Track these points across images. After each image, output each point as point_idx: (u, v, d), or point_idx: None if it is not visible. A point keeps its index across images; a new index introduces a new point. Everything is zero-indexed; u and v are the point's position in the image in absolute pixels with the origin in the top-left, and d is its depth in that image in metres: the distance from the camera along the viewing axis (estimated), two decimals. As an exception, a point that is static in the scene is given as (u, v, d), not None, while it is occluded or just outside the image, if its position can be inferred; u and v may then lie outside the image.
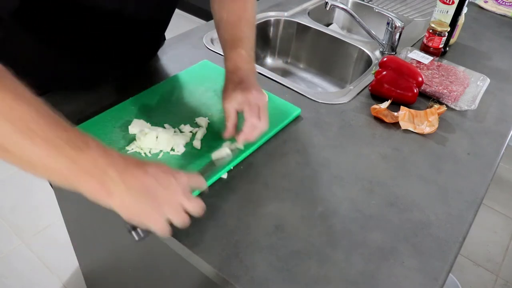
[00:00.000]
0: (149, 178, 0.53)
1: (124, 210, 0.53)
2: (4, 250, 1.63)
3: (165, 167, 0.57)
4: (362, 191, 0.76)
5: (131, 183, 0.52)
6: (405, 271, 0.64)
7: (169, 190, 0.55)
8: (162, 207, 0.54)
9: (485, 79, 1.07)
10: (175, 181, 0.55)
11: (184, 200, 0.56)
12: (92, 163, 0.51)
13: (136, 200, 0.53)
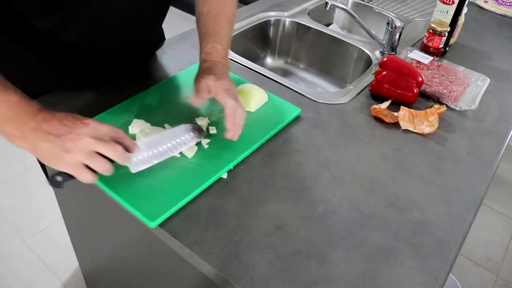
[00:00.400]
0: (55, 121, 0.60)
1: (36, 152, 0.61)
2: (4, 250, 1.63)
3: (77, 115, 0.63)
4: (362, 191, 0.76)
5: (41, 126, 0.60)
6: (405, 271, 0.64)
7: (74, 132, 0.60)
8: (70, 150, 0.59)
9: (485, 79, 1.07)
10: (80, 124, 0.60)
11: (93, 144, 0.60)
12: (14, 113, 0.60)
13: (44, 142, 0.59)
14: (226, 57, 0.83)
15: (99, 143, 0.60)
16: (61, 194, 1.03)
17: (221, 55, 0.81)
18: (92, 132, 0.60)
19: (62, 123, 0.60)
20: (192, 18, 0.92)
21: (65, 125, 0.60)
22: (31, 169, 1.96)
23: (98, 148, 0.60)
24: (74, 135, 0.59)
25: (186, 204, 0.70)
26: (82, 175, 0.61)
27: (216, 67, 0.79)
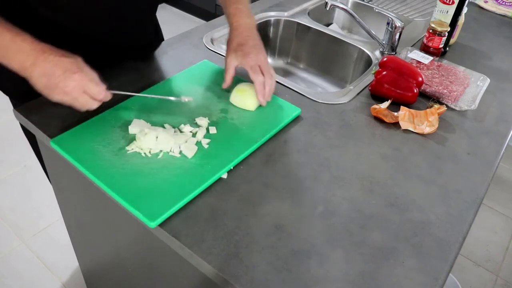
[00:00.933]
0: (49, 66, 0.71)
1: (37, 85, 0.72)
2: (4, 250, 1.63)
3: (69, 61, 0.72)
4: (362, 191, 0.76)
5: (36, 68, 0.71)
6: (405, 271, 0.64)
7: (60, 81, 0.71)
8: (54, 90, 0.72)
9: (485, 79, 1.07)
10: (68, 75, 0.71)
11: (70, 93, 0.72)
12: (15, 50, 0.71)
13: (42, 78, 0.71)
14: (250, 15, 0.93)
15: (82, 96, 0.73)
16: (61, 194, 1.03)
17: (245, 14, 0.92)
18: (75, 87, 0.72)
19: (52, 71, 0.70)
20: (192, 18, 0.93)
21: (54, 73, 0.71)
22: (31, 169, 1.96)
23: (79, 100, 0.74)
24: (59, 88, 0.71)
25: (186, 204, 0.70)
26: (76, 105, 0.74)
27: (243, 34, 0.89)
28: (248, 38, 0.89)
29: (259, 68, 0.86)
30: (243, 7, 0.92)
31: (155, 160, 0.76)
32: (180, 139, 0.79)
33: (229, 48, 0.90)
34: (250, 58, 0.86)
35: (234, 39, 0.89)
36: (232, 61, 0.88)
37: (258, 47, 0.89)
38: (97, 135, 0.79)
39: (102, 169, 0.73)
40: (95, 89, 0.73)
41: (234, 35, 0.90)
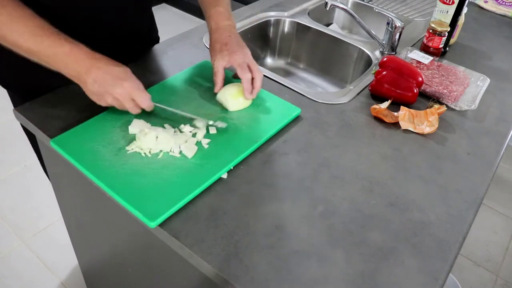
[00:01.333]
0: (101, 73, 0.76)
1: (88, 91, 0.78)
2: (4, 250, 1.63)
3: (119, 70, 0.77)
4: (362, 191, 0.76)
5: (90, 75, 0.75)
6: (405, 271, 0.64)
7: (110, 87, 0.76)
8: (103, 96, 0.77)
9: (485, 79, 1.07)
10: (118, 83, 0.76)
11: (119, 100, 0.77)
12: (73, 59, 0.75)
13: (91, 88, 0.76)
14: (230, 17, 0.93)
15: (129, 102, 0.78)
16: (61, 194, 1.03)
17: (224, 16, 0.91)
18: (124, 94, 0.77)
19: (104, 78, 0.75)
20: (192, 18, 0.94)
21: (106, 80, 0.75)
22: (31, 169, 1.96)
23: (135, 96, 0.78)
24: (108, 94, 0.76)
25: (186, 204, 0.70)
26: (121, 106, 0.79)
27: (224, 35, 0.89)
28: (230, 38, 0.89)
29: (247, 65, 0.87)
30: (222, 9, 0.92)
31: (155, 160, 0.76)
32: (180, 139, 0.79)
33: (213, 51, 0.89)
34: (237, 56, 0.87)
35: (217, 41, 0.89)
36: (220, 63, 0.87)
37: (242, 44, 0.89)
38: (97, 135, 0.79)
39: (102, 169, 0.73)
40: (141, 96, 0.78)
41: (215, 37, 0.90)
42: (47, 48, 0.74)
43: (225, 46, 0.88)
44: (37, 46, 0.74)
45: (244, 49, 0.89)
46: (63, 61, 0.75)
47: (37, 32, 0.74)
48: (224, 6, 0.93)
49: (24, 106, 0.87)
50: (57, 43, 0.74)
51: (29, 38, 0.73)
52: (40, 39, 0.74)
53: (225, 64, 0.88)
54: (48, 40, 0.74)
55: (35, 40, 0.73)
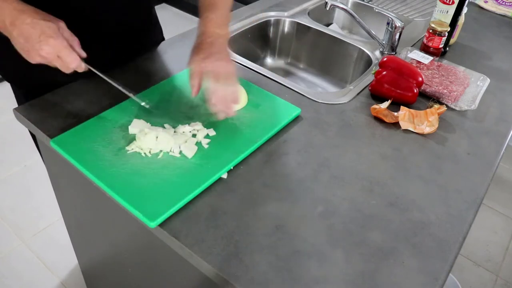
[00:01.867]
0: (26, 28, 0.71)
1: (16, 45, 0.73)
2: (4, 250, 1.63)
3: (47, 25, 0.72)
4: (362, 191, 0.76)
5: (15, 28, 0.71)
6: (405, 271, 0.64)
7: (36, 44, 0.71)
8: (30, 52, 0.72)
9: (485, 79, 1.07)
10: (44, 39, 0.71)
11: (46, 58, 0.73)
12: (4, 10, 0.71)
13: (20, 39, 0.72)
14: (222, 26, 0.86)
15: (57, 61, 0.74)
16: (61, 194, 1.03)
17: (214, 24, 0.85)
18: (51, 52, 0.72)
19: (29, 34, 0.71)
20: (192, 18, 0.93)
21: (31, 36, 0.71)
22: (31, 169, 1.96)
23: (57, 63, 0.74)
24: (35, 50, 0.72)
25: (186, 204, 0.70)
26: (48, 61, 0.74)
27: (207, 41, 0.82)
28: (210, 45, 0.82)
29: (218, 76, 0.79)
30: (214, 17, 0.86)
31: (155, 160, 0.76)
32: (180, 139, 0.79)
33: (191, 55, 0.84)
34: (207, 63, 0.80)
35: (196, 45, 0.84)
36: (194, 68, 0.81)
37: (218, 54, 0.81)
38: (97, 135, 0.79)
39: (102, 169, 0.73)
40: (68, 56, 0.73)
41: (196, 42, 0.85)
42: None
43: (203, 50, 0.81)
44: None
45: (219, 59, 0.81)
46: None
47: None
48: (216, 13, 0.87)
49: (24, 106, 0.87)
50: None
51: None
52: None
53: (199, 69, 0.81)
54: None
55: None
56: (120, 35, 0.99)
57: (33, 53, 0.72)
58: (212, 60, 0.80)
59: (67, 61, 0.74)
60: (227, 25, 0.88)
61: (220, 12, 0.87)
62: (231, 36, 1.21)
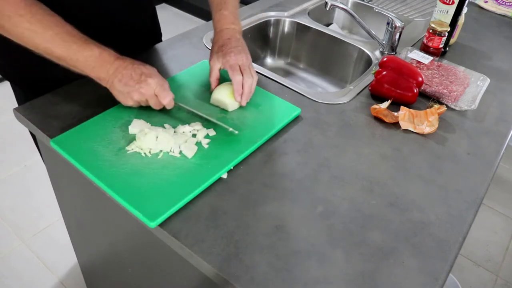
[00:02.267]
0: (126, 72, 0.79)
1: (115, 93, 0.81)
2: (4, 250, 1.63)
3: (146, 68, 0.81)
4: (362, 191, 0.76)
5: (117, 75, 0.79)
6: (405, 271, 0.64)
7: (136, 87, 0.79)
8: (129, 94, 0.80)
9: (485, 79, 1.07)
10: (143, 79, 0.79)
11: (145, 95, 0.80)
12: (101, 62, 0.79)
13: (117, 85, 0.79)
14: (235, 21, 0.95)
15: (152, 98, 0.81)
16: (61, 194, 1.03)
17: (229, 20, 0.93)
18: (149, 90, 0.80)
19: (130, 76, 0.79)
20: (192, 18, 0.95)
21: (132, 78, 0.79)
22: (31, 169, 1.96)
23: (151, 102, 0.82)
24: (134, 91, 0.79)
25: (186, 204, 0.70)
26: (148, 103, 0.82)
27: (224, 37, 0.91)
28: (230, 41, 0.90)
29: (238, 67, 0.87)
30: (228, 13, 0.94)
31: (155, 160, 0.76)
32: (180, 139, 0.79)
33: (211, 51, 0.93)
34: (229, 57, 0.88)
35: (216, 43, 0.92)
36: (215, 63, 0.90)
37: (239, 48, 0.90)
38: (97, 135, 0.79)
39: (102, 169, 0.73)
40: (163, 93, 0.81)
41: (216, 39, 0.93)
42: (76, 53, 0.77)
43: (221, 47, 0.90)
44: (67, 51, 0.76)
45: (240, 52, 0.89)
46: (91, 64, 0.78)
47: (66, 38, 0.76)
48: (229, 9, 0.95)
49: (24, 106, 0.87)
50: (86, 47, 0.77)
51: (59, 44, 0.76)
52: (69, 45, 0.76)
53: (219, 65, 0.90)
54: (76, 45, 0.77)
55: (64, 46, 0.76)
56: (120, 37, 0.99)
57: (132, 93, 0.79)
58: (234, 54, 0.88)
59: (162, 97, 0.81)
60: (239, 18, 0.96)
61: (231, 7, 0.95)
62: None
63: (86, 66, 0.79)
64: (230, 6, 0.95)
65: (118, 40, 0.99)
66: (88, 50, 0.77)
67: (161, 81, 0.81)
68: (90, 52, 0.78)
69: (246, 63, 0.89)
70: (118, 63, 0.79)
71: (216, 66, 0.90)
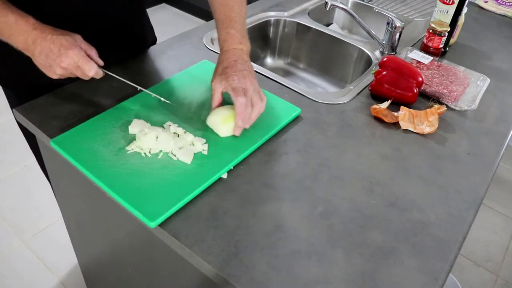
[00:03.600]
0: (47, 44, 0.74)
1: (38, 63, 0.77)
2: (4, 250, 1.63)
3: (65, 39, 0.76)
4: (362, 191, 0.76)
5: (36, 46, 0.75)
6: (405, 271, 0.64)
7: (56, 61, 0.75)
8: (51, 67, 0.76)
9: (485, 79, 1.07)
10: (63, 51, 0.75)
11: (67, 69, 0.76)
12: (18, 31, 0.74)
13: (38, 57, 0.75)
14: (243, 39, 0.87)
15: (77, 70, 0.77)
16: (61, 194, 1.03)
17: (237, 40, 0.86)
18: (70, 63, 0.76)
19: (49, 49, 0.74)
20: (192, 18, 0.93)
21: (51, 51, 0.74)
22: (31, 169, 1.96)
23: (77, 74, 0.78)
24: (56, 64, 0.75)
25: (186, 204, 0.70)
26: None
27: (230, 59, 0.84)
28: (235, 63, 0.83)
29: (242, 90, 0.79)
30: (235, 32, 0.87)
31: (155, 160, 0.76)
32: (180, 142, 0.79)
33: (214, 72, 0.85)
34: (233, 80, 0.80)
35: (221, 63, 0.85)
36: (217, 86, 0.83)
37: (245, 72, 0.82)
38: (97, 135, 0.79)
39: (102, 169, 0.73)
40: (86, 65, 0.77)
41: (221, 59, 0.85)
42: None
43: (225, 69, 0.82)
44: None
45: (245, 77, 0.81)
46: (7, 32, 0.74)
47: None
48: (236, 27, 0.87)
49: (24, 106, 0.87)
50: (1, 13, 0.73)
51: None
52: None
53: (222, 88, 0.82)
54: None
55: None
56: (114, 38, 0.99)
57: (54, 67, 0.76)
58: (238, 78, 0.81)
59: (85, 69, 0.77)
60: (247, 37, 0.89)
61: (238, 25, 0.88)
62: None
63: (2, 34, 0.75)
64: (237, 24, 0.88)
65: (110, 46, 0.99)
66: (2, 16, 0.73)
67: (82, 51, 0.77)
68: (5, 18, 0.73)
69: (251, 87, 0.81)
70: (36, 33, 0.75)
71: (219, 89, 0.83)
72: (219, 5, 0.90)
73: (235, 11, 0.89)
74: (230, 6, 0.89)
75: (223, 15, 0.88)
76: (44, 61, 0.75)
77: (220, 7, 0.90)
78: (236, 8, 0.89)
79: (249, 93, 0.80)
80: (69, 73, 0.78)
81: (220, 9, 0.89)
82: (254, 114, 0.81)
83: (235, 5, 0.89)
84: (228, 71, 0.82)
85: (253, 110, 0.81)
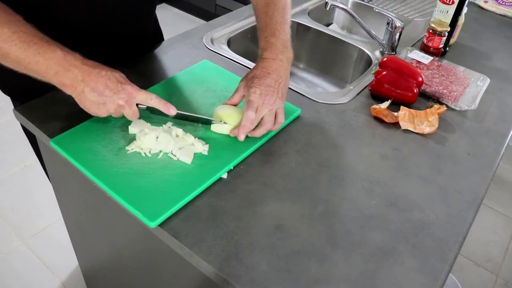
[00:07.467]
0: (101, 80, 0.71)
1: (83, 102, 0.73)
2: (4, 250, 1.63)
3: (119, 75, 0.74)
4: (362, 191, 0.76)
5: (88, 83, 0.71)
6: (405, 271, 0.64)
7: (113, 98, 0.72)
8: (105, 105, 0.73)
9: (485, 79, 1.07)
10: (121, 88, 0.73)
11: (124, 106, 0.74)
12: (66, 66, 0.70)
13: (88, 94, 0.71)
14: (284, 49, 0.83)
15: (129, 108, 0.75)
16: (61, 194, 1.03)
17: (277, 49, 0.83)
18: (129, 97, 0.74)
19: (106, 85, 0.71)
20: (192, 18, 0.93)
21: (108, 87, 0.71)
22: (31, 169, 1.96)
23: (125, 111, 0.75)
24: (112, 102, 0.72)
25: (186, 204, 0.70)
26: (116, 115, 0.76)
27: (265, 69, 0.81)
28: (267, 76, 0.79)
29: (255, 106, 0.77)
30: (275, 40, 0.83)
31: (155, 160, 0.76)
32: (180, 142, 0.78)
33: (247, 74, 0.83)
34: (254, 93, 0.78)
35: (255, 70, 0.82)
36: (240, 89, 0.82)
37: (271, 89, 0.79)
38: (97, 135, 0.79)
39: (102, 169, 0.73)
40: (165, 105, 0.77)
41: (257, 66, 0.83)
42: (37, 54, 0.68)
43: (254, 78, 0.80)
44: (25, 53, 0.67)
45: (269, 93, 0.78)
46: (54, 68, 0.69)
47: (25, 38, 0.67)
48: (277, 35, 0.84)
49: (24, 106, 0.87)
50: (48, 48, 0.68)
51: (16, 45, 0.67)
52: (28, 45, 0.67)
53: (243, 93, 0.82)
54: (36, 46, 0.68)
55: (22, 46, 0.67)
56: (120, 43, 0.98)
57: (109, 104, 0.72)
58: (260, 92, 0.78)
59: (165, 108, 0.77)
60: (289, 46, 0.85)
61: (279, 33, 0.84)
62: (231, 36, 1.22)
63: (48, 70, 0.69)
64: (278, 32, 0.84)
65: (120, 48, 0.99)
66: (50, 51, 0.68)
67: (135, 86, 0.75)
68: (53, 54, 0.68)
69: (267, 107, 0.78)
70: (86, 69, 0.70)
71: (240, 93, 0.82)
72: (259, 13, 0.89)
73: (277, 18, 0.86)
74: (270, 14, 0.86)
75: (263, 22, 0.87)
76: (97, 98, 0.71)
77: (260, 15, 0.88)
78: (277, 15, 0.86)
79: (262, 112, 0.78)
80: (120, 112, 0.75)
81: (260, 16, 0.88)
82: (258, 132, 0.80)
83: (275, 12, 0.87)
84: (256, 82, 0.79)
85: (258, 128, 0.80)
